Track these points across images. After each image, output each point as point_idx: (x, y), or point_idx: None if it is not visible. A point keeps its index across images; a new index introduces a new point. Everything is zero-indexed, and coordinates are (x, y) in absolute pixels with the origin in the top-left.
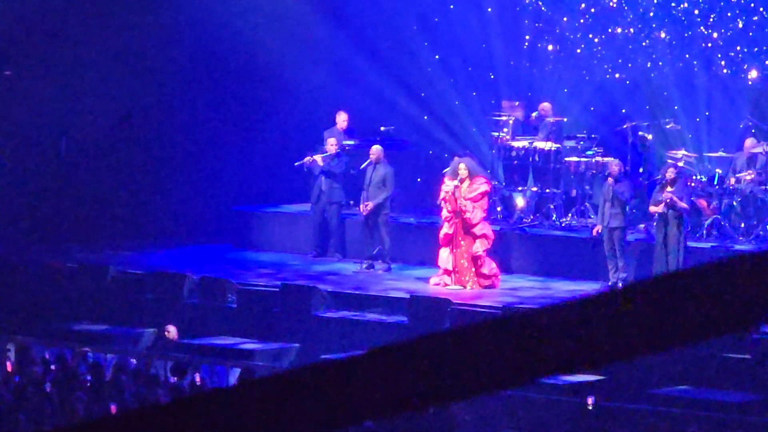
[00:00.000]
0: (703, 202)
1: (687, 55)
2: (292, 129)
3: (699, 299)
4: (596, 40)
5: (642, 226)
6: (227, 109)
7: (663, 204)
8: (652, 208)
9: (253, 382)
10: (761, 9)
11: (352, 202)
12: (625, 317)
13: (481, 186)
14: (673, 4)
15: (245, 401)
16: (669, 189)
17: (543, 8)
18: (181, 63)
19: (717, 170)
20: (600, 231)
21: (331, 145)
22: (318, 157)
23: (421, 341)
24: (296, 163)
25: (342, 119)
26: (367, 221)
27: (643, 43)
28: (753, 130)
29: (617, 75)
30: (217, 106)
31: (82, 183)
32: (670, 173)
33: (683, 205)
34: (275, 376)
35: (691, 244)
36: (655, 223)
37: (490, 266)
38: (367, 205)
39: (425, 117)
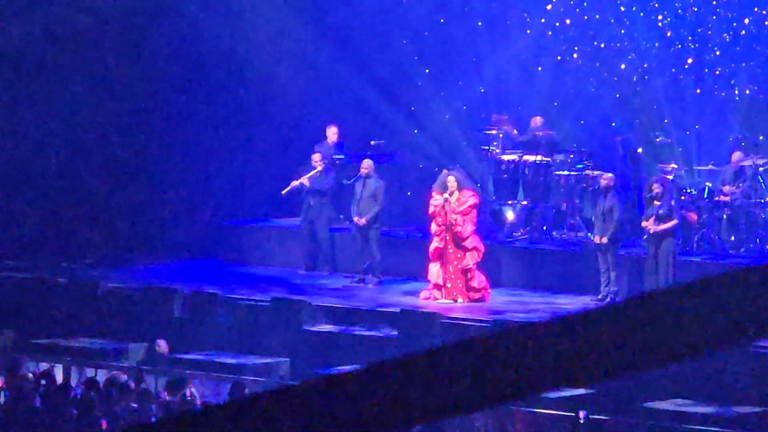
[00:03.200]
0: (693, 216)
1: (673, 69)
2: (282, 143)
3: (693, 314)
4: (585, 53)
5: (645, 239)
6: (217, 122)
7: (653, 218)
8: (644, 223)
9: (245, 397)
10: (747, 22)
11: (342, 216)
12: (620, 332)
13: (470, 199)
14: (659, 17)
15: (237, 417)
16: (656, 203)
17: (531, 22)
18: (171, 78)
19: (707, 183)
20: (599, 242)
21: (317, 161)
22: (304, 179)
23: (412, 356)
24: (283, 192)
25: (332, 133)
26: (358, 235)
27: (630, 56)
28: (743, 143)
29: (607, 89)
30: (207, 120)
31: (72, 197)
32: (655, 188)
33: (670, 224)
34: (266, 392)
35: (682, 257)
36: (645, 237)
37: (479, 279)
38: (360, 219)
39: (415, 131)
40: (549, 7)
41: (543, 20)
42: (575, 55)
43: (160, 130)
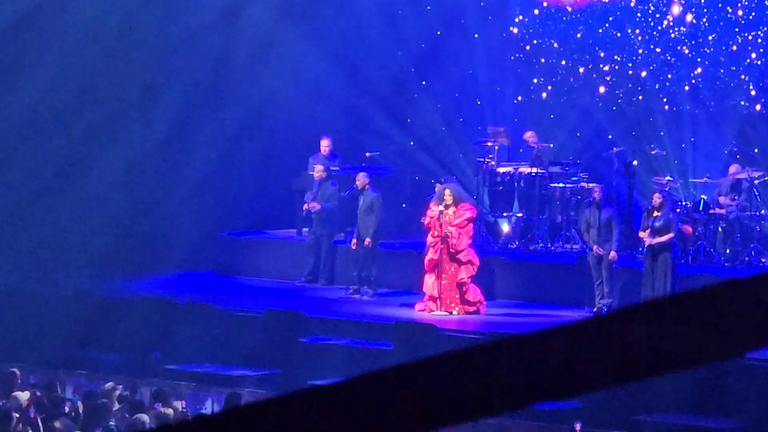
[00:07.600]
0: (688, 228)
1: (669, 83)
2: (277, 155)
3: (686, 325)
4: (581, 66)
5: (640, 251)
6: (212, 134)
7: (649, 230)
8: (642, 234)
9: (239, 409)
10: (742, 36)
11: (348, 229)
12: (613, 343)
13: (467, 212)
14: (654, 30)
15: (231, 429)
16: (656, 214)
17: (528, 34)
18: (164, 90)
19: (702, 196)
20: (598, 252)
21: (318, 171)
22: (315, 204)
23: (406, 367)
24: (304, 207)
25: (324, 145)
26: (359, 247)
27: (625, 69)
28: (738, 156)
29: (603, 101)
30: (202, 132)
31: (68, 209)
32: (656, 199)
33: (666, 238)
34: (261, 403)
35: (678, 270)
36: (641, 249)
37: (474, 293)
38: (366, 240)
39: (411, 143)
40: (546, 20)
41: (538, 27)
42: (573, 68)
43: (155, 142)
